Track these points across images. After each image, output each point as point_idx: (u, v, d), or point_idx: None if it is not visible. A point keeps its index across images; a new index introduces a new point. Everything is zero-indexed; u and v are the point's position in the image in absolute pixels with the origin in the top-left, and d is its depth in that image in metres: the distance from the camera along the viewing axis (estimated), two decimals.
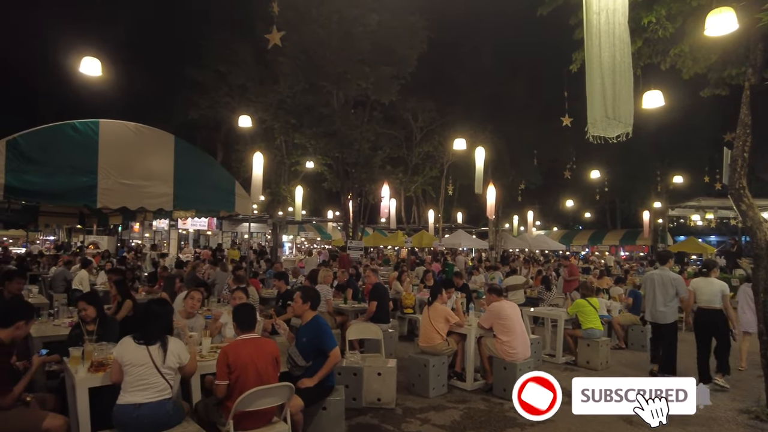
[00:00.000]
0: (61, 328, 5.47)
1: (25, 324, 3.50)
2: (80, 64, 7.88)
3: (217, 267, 11.06)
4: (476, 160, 14.67)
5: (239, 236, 29.06)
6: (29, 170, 6.18)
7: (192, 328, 4.69)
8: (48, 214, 13.35)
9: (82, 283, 9.11)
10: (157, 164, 7.24)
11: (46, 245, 24.06)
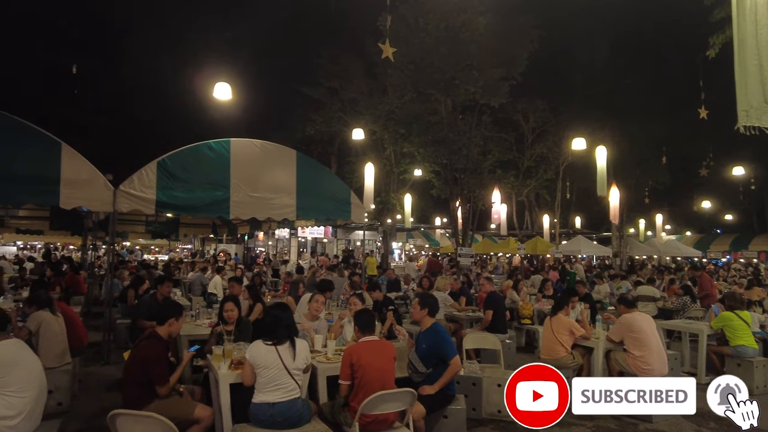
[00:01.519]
0: (202, 328, 6.08)
1: (175, 321, 3.93)
2: (213, 90, 8.76)
3: (334, 273, 11.56)
4: (597, 159, 13.69)
5: (351, 243, 30.21)
6: (175, 187, 7.01)
7: (316, 330, 4.93)
8: (187, 225, 15.01)
9: (216, 287, 10.07)
10: (281, 177, 7.79)
11: (184, 253, 26.99)
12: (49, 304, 5.05)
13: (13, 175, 6.03)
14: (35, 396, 3.40)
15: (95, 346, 7.30)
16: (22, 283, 10.75)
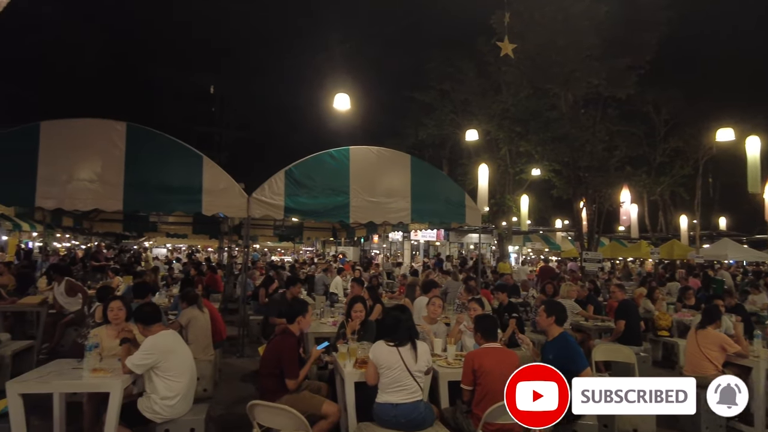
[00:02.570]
0: (326, 326, 6.39)
1: (303, 317, 4.17)
2: (333, 101, 9.20)
3: (448, 276, 11.49)
4: (748, 151, 11.98)
5: (465, 246, 29.86)
6: (301, 193, 7.47)
7: (436, 334, 4.92)
8: (310, 229, 15.93)
9: (337, 287, 10.53)
10: (396, 182, 7.94)
11: (307, 254, 28.68)
12: (196, 300, 5.65)
13: (167, 186, 6.88)
14: (188, 381, 3.82)
15: (231, 339, 8.01)
16: (172, 282, 12.23)
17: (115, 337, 4.12)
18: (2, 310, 7.43)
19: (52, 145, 6.55)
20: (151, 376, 3.66)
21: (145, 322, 3.80)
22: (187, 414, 3.84)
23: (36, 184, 6.46)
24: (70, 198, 6.62)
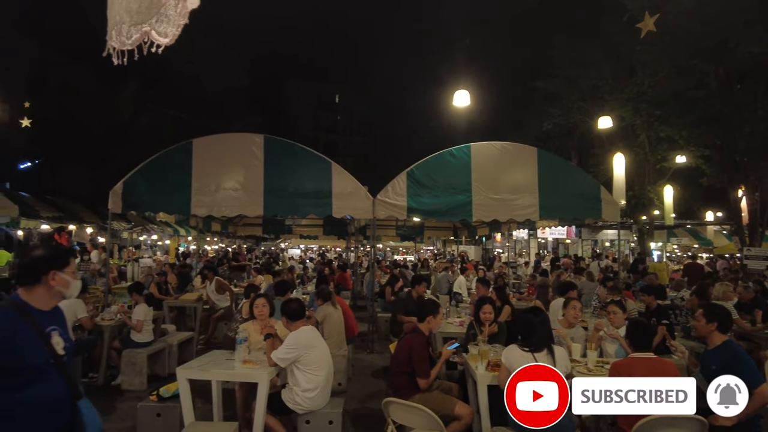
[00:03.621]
0: (453, 326, 6.34)
1: (433, 318, 4.17)
2: (453, 98, 9.09)
3: (581, 276, 10.73)
4: None
5: (599, 244, 27.65)
6: (423, 194, 7.51)
7: (573, 339, 4.60)
8: (431, 229, 15.97)
9: (461, 287, 10.41)
10: (522, 177, 7.61)
11: (427, 254, 28.83)
12: (330, 297, 5.96)
13: (301, 191, 7.36)
14: (326, 375, 4.03)
15: (361, 335, 8.32)
16: (307, 280, 13.09)
17: (260, 332, 4.49)
18: (168, 305, 8.55)
19: (202, 159, 7.37)
20: (293, 370, 3.92)
21: (291, 318, 4.08)
22: (326, 407, 4.05)
23: (191, 194, 7.32)
24: (218, 206, 7.39)
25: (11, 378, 1.98)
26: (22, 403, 2.00)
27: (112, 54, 1.87)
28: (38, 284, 2.14)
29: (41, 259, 2.17)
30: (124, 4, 1.72)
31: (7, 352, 1.96)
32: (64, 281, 2.17)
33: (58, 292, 2.18)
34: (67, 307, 5.67)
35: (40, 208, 12.56)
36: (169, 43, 1.78)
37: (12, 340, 1.97)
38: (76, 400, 2.14)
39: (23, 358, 2.00)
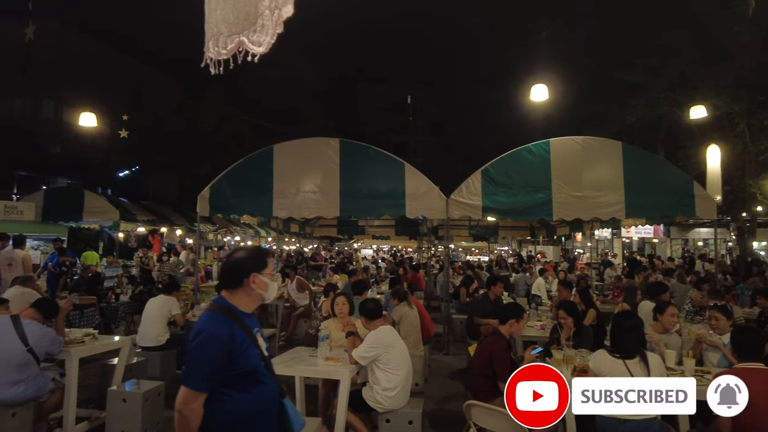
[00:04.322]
0: (533, 329, 6.14)
1: (516, 322, 4.05)
2: (529, 93, 8.81)
3: (671, 278, 10.00)
4: None
5: (690, 243, 25.61)
6: (498, 192, 7.34)
7: (667, 345, 4.29)
8: (506, 228, 15.57)
9: (540, 289, 10.06)
10: (605, 173, 7.23)
11: (502, 254, 28.14)
12: (406, 297, 5.98)
13: (376, 192, 7.46)
14: (406, 374, 4.04)
15: (436, 336, 8.28)
16: (379, 279, 13.24)
17: (341, 330, 4.59)
18: None
19: (283, 164, 7.68)
20: (374, 368, 3.97)
21: (369, 317, 4.14)
22: (405, 406, 4.06)
23: (273, 197, 7.65)
24: (298, 208, 7.67)
25: (237, 383, 2.00)
26: (250, 405, 2.04)
27: (209, 64, 1.98)
28: (240, 287, 2.12)
29: (242, 261, 2.15)
30: (222, 16, 1.82)
31: (229, 360, 1.96)
32: (263, 284, 2.14)
33: (258, 295, 2.15)
34: (162, 304, 6.14)
35: (136, 212, 13.69)
36: (263, 52, 1.86)
37: (230, 348, 1.97)
38: (282, 399, 2.18)
39: (243, 362, 2.01)
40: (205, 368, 1.94)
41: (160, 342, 6.02)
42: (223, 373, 1.96)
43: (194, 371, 1.95)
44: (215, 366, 1.94)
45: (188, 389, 1.93)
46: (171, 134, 22.41)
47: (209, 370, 1.94)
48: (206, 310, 2.12)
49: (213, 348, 1.94)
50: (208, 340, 1.95)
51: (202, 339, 1.96)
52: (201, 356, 1.95)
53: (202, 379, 1.94)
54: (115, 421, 4.37)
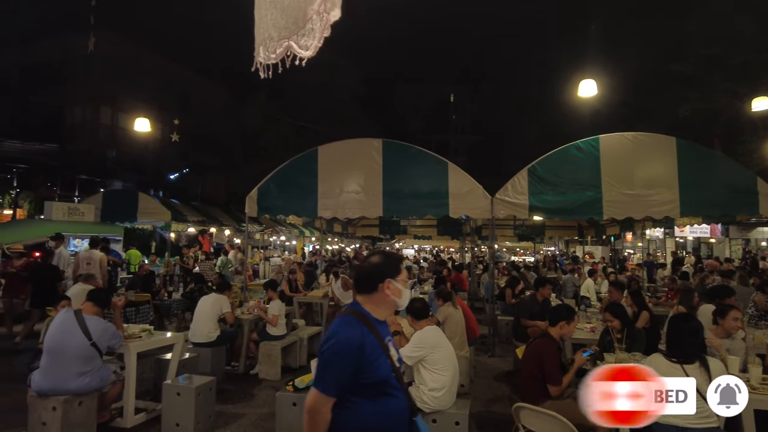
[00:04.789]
0: (583, 332, 5.96)
1: (566, 324, 3.94)
2: (577, 89, 8.56)
3: (731, 280, 9.45)
4: None
5: (752, 244, 24.10)
6: (546, 191, 7.17)
7: (729, 351, 4.06)
8: (553, 228, 15.19)
9: (589, 290, 9.76)
10: (659, 170, 6.94)
11: (547, 254, 27.47)
12: (451, 298, 5.93)
13: (419, 192, 7.45)
14: (452, 375, 4.01)
15: (482, 338, 8.17)
16: (421, 279, 13.20)
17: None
18: (298, 301, 9.15)
19: (327, 165, 7.78)
20: (420, 368, 3.96)
21: (416, 316, 4.14)
22: (452, 407, 4.03)
23: (318, 198, 7.76)
24: (342, 208, 7.74)
25: (366, 392, 1.94)
26: (379, 417, 1.98)
27: (259, 68, 2.03)
28: (375, 293, 2.05)
29: (377, 267, 2.08)
30: (272, 21, 1.86)
31: (359, 367, 1.90)
32: (397, 290, 2.05)
33: (392, 302, 2.07)
34: (213, 303, 6.35)
35: (187, 213, 14.17)
36: (310, 56, 1.88)
37: (361, 354, 1.90)
38: (414, 416, 2.09)
39: (374, 371, 1.94)
40: (334, 373, 1.90)
41: (210, 338, 6.22)
42: (352, 380, 1.91)
43: (324, 375, 1.92)
44: (345, 372, 1.90)
45: (317, 391, 1.91)
46: (219, 137, 23.15)
47: (338, 376, 1.90)
48: (340, 314, 2.08)
49: (343, 353, 1.90)
50: (339, 344, 1.91)
51: (333, 343, 1.92)
52: (331, 360, 1.91)
53: (330, 383, 1.90)
54: (170, 414, 4.55)
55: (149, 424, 4.76)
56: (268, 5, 1.87)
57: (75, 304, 5.24)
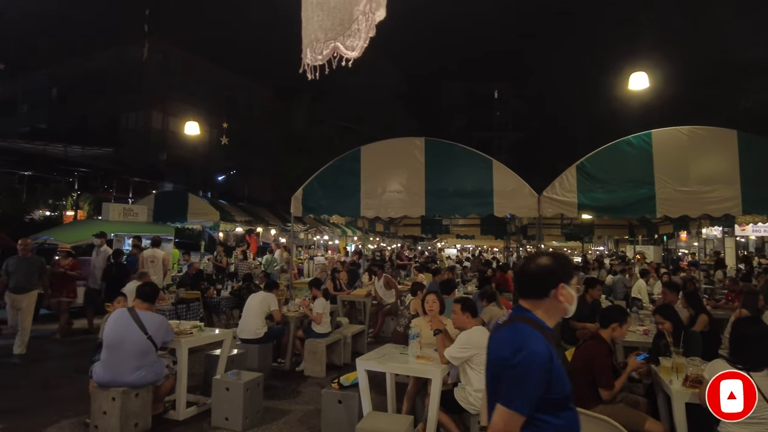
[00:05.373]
0: (635, 334, 5.73)
1: (619, 326, 3.80)
2: (627, 82, 8.24)
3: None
4: None
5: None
6: (595, 189, 6.92)
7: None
8: (602, 227, 14.68)
9: (641, 291, 9.38)
10: (718, 166, 6.56)
11: (596, 254, 26.58)
12: (495, 298, 5.84)
13: (461, 191, 7.36)
14: None
15: None
16: (467, 280, 13.07)
17: (431, 328, 4.58)
18: (342, 300, 9.25)
19: (370, 164, 7.82)
20: (466, 369, 3.92)
21: (474, 314, 4.10)
22: None
23: (360, 197, 7.81)
24: (384, 207, 7.76)
25: (551, 408, 1.79)
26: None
27: (306, 70, 2.06)
28: (545, 299, 1.86)
29: (550, 269, 1.88)
30: (318, 23, 1.88)
31: (548, 382, 1.74)
32: (570, 296, 1.87)
33: (564, 308, 1.88)
34: (262, 300, 6.51)
35: (234, 213, 14.58)
36: (356, 56, 1.90)
37: (550, 368, 1.74)
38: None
39: (561, 385, 1.80)
40: (529, 389, 1.73)
41: (258, 335, 6.38)
42: (541, 396, 1.75)
43: (518, 392, 1.73)
44: (539, 387, 1.74)
45: (510, 411, 1.72)
46: (264, 139, 23.73)
47: (532, 392, 1.73)
48: (512, 322, 1.88)
49: (537, 367, 1.73)
50: (533, 357, 1.73)
51: (525, 357, 1.73)
52: (526, 376, 1.72)
53: (525, 401, 1.72)
54: (220, 408, 4.69)
55: (200, 417, 4.92)
56: (314, 7, 1.89)
57: (130, 300, 5.49)
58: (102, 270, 8.92)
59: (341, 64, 1.93)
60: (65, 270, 8.56)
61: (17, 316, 6.98)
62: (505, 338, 1.83)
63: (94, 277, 9.05)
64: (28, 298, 7.06)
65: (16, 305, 6.98)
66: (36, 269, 7.25)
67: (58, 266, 8.59)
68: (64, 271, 8.54)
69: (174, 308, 7.97)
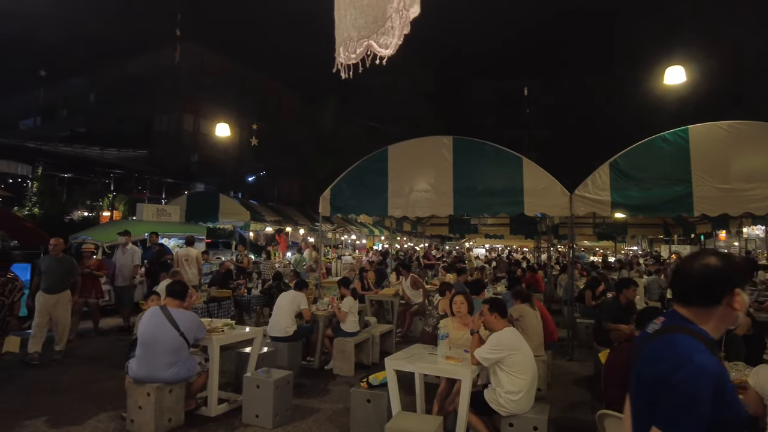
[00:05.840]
0: None
1: None
2: (664, 77, 8.00)
3: None
4: None
5: None
6: (629, 187, 6.75)
7: None
8: (635, 226, 14.29)
9: None
10: (761, 162, 6.32)
11: (630, 255, 25.89)
12: (528, 299, 5.74)
13: (491, 190, 7.28)
14: (531, 379, 3.88)
15: (560, 341, 7.84)
16: (495, 280, 12.91)
17: (460, 329, 4.53)
18: (370, 299, 9.26)
19: (397, 164, 7.81)
20: (497, 370, 3.86)
21: (503, 314, 4.04)
22: (530, 411, 3.90)
23: (388, 197, 7.81)
24: (412, 207, 7.74)
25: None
26: None
27: (340, 69, 2.05)
28: (717, 306, 1.57)
29: (722, 272, 1.58)
30: (351, 21, 1.88)
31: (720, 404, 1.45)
32: (744, 303, 1.58)
33: (734, 317, 1.60)
34: (292, 299, 6.57)
35: (265, 213, 14.77)
36: (390, 54, 1.88)
37: (723, 387, 1.47)
38: None
39: (736, 409, 1.52)
40: (699, 411, 1.44)
41: (288, 333, 6.44)
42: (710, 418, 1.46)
43: (687, 414, 1.45)
44: (708, 411, 1.44)
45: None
46: (293, 140, 23.99)
47: (703, 416, 1.44)
48: (666, 333, 1.60)
49: (704, 385, 1.45)
50: (700, 375, 1.45)
51: (691, 374, 1.45)
52: (695, 395, 1.44)
53: (696, 424, 1.44)
54: (250, 405, 4.75)
55: (231, 414, 5.00)
56: (347, 5, 1.89)
57: (163, 299, 5.62)
58: (131, 268, 9.10)
59: (375, 63, 1.92)
60: (91, 270, 8.57)
61: (45, 318, 6.88)
62: (660, 353, 1.56)
63: (123, 275, 9.13)
64: (63, 298, 7.06)
65: (49, 306, 6.90)
66: (68, 269, 7.24)
67: (83, 267, 8.52)
68: (90, 271, 8.53)
69: (206, 306, 8.12)
